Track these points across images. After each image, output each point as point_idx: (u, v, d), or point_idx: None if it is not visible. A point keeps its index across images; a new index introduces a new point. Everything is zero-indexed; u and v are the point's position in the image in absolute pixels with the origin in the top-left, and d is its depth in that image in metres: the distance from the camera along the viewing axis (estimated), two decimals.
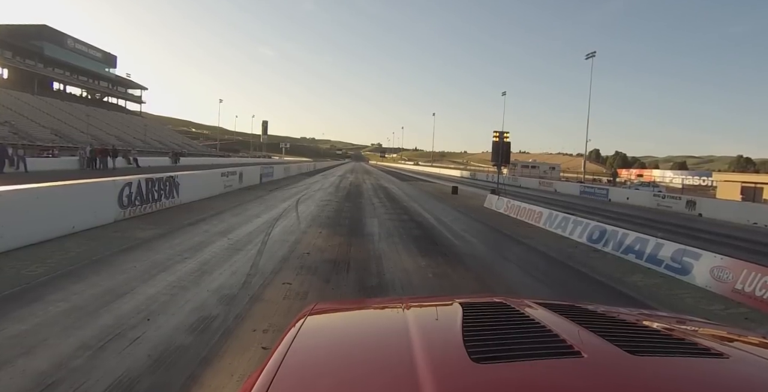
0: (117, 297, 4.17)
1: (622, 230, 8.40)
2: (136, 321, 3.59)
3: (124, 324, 3.53)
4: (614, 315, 1.13)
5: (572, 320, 0.96)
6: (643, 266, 7.25)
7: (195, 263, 5.52)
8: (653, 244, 7.45)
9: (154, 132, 63.88)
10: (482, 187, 29.34)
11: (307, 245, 7.09)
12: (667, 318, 1.33)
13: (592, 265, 7.21)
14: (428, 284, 5.38)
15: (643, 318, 1.18)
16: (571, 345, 0.79)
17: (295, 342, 0.89)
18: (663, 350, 0.81)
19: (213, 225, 8.41)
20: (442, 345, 0.86)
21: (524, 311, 1.06)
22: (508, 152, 17.16)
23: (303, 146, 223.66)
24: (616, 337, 0.84)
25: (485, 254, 7.74)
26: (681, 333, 0.98)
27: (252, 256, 6.08)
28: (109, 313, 3.76)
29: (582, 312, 1.14)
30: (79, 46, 56.86)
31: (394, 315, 1.18)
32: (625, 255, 7.89)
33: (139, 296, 4.25)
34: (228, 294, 4.46)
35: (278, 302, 4.28)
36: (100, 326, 3.47)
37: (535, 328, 0.92)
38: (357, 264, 6.09)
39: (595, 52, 38.02)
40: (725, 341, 0.99)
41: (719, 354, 0.80)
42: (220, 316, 3.83)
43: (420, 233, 9.12)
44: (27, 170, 20.18)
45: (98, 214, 7.75)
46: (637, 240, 7.82)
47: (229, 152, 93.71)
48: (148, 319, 3.65)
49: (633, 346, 0.79)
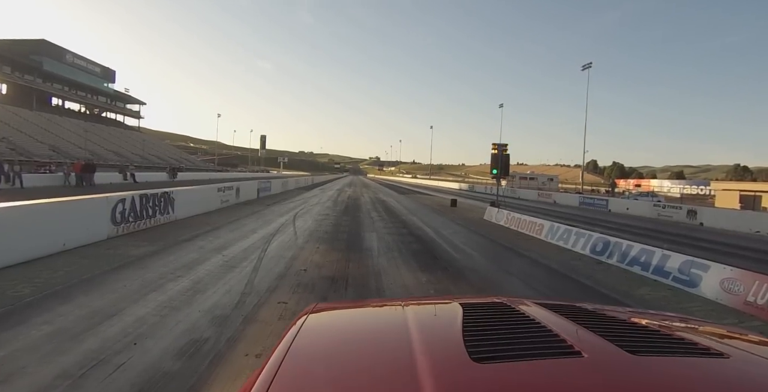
0: (104, 319, 3.97)
1: (626, 242, 8.24)
2: (121, 346, 3.40)
3: (109, 348, 3.34)
4: (614, 315, 1.13)
5: (572, 320, 0.96)
6: (650, 279, 7.07)
7: (188, 282, 5.33)
8: (659, 256, 7.28)
9: (152, 147, 63.97)
10: (481, 199, 29.33)
11: (304, 261, 6.91)
12: (667, 318, 1.31)
13: (597, 278, 7.03)
14: None
15: (643, 318, 1.17)
16: (571, 344, 0.79)
17: (295, 342, 0.88)
18: (663, 350, 0.81)
19: (208, 241, 8.22)
20: (442, 344, 0.86)
21: (524, 311, 1.06)
22: (507, 165, 17.07)
23: (301, 160, 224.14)
24: (617, 337, 0.84)
25: (487, 268, 7.56)
26: (681, 333, 0.98)
27: (247, 273, 5.89)
28: (95, 337, 3.56)
29: (582, 311, 1.13)
30: (78, 61, 57.28)
31: (394, 315, 1.17)
32: (630, 267, 7.71)
33: (127, 317, 4.05)
34: (221, 314, 4.27)
35: (273, 323, 4.09)
36: (84, 351, 3.27)
37: (535, 328, 0.91)
38: (355, 281, 5.90)
39: (591, 63, 38.34)
40: (725, 340, 0.98)
41: (719, 353, 0.80)
42: (211, 339, 3.64)
43: (419, 247, 8.94)
44: (23, 186, 20.02)
45: (91, 231, 7.57)
46: (642, 252, 7.66)
47: (228, 167, 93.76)
48: (135, 343, 3.46)
49: (633, 346, 0.79)
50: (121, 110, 70.53)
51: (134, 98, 73.13)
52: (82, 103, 62.13)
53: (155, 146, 68.37)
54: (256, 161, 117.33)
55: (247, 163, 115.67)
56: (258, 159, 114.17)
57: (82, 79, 58.17)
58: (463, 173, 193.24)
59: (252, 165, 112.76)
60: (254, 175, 60.42)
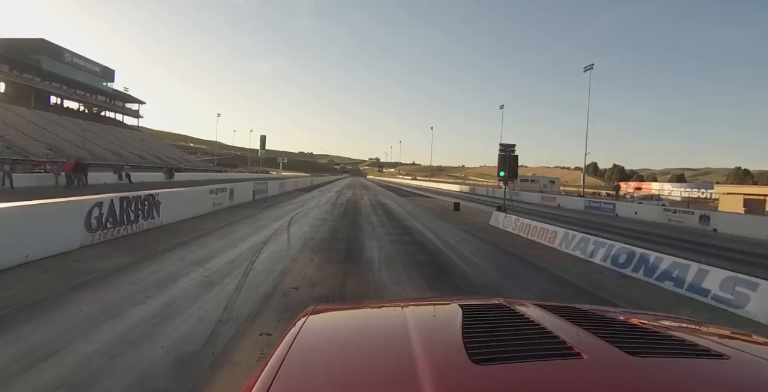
0: (39, 360, 3.16)
1: (654, 253, 7.41)
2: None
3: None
4: (614, 317, 1.15)
5: (572, 321, 0.96)
6: (685, 296, 6.26)
7: (156, 305, 4.51)
8: (695, 270, 6.47)
9: (151, 147, 63.13)
10: (483, 202, 28.57)
11: (295, 276, 6.08)
12: (667, 319, 1.26)
13: (627, 295, 6.22)
14: None
15: (643, 319, 1.14)
16: (570, 346, 0.79)
17: (295, 343, 0.88)
18: (662, 351, 0.81)
19: (191, 251, 7.40)
20: (442, 346, 0.86)
21: (524, 312, 1.05)
22: (515, 166, 16.20)
23: (301, 161, 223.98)
24: (616, 338, 0.84)
25: (502, 283, 6.74)
26: (680, 334, 0.97)
27: (228, 293, 5.07)
28: (15, 390, 2.74)
29: (581, 313, 1.12)
30: (77, 60, 56.52)
31: (394, 316, 1.15)
32: (661, 283, 6.90)
33: (69, 357, 3.24)
34: (187, 351, 3.45)
35: (250, 365, 3.25)
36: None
37: (535, 329, 0.91)
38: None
39: (593, 64, 37.64)
40: (724, 341, 0.95)
41: (719, 354, 0.80)
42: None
43: (425, 258, 8.11)
44: (13, 187, 19.17)
45: (60, 239, 6.76)
46: (674, 266, 6.84)
47: (227, 167, 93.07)
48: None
49: (632, 347, 0.79)
50: (121, 109, 69.79)
51: (133, 97, 72.40)
52: (81, 102, 61.46)
53: (154, 145, 67.52)
54: (255, 161, 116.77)
55: (246, 163, 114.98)
56: (258, 160, 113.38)
57: (81, 78, 57.41)
58: (463, 174, 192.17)
59: (251, 166, 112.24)
60: (252, 176, 59.65)
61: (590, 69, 37.68)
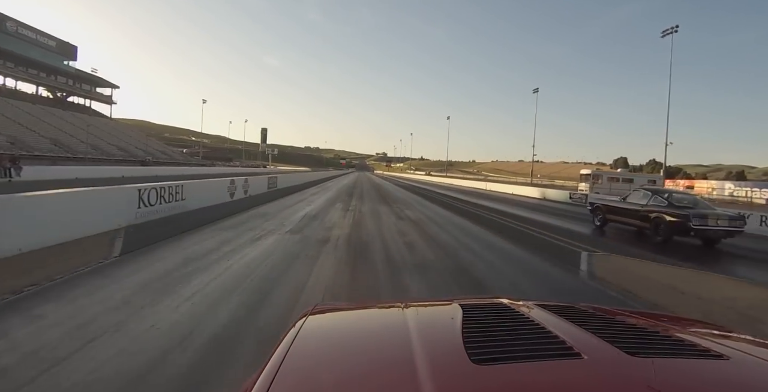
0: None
1: None
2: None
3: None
4: (614, 317, 1.10)
5: (572, 321, 0.94)
6: None
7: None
8: None
9: (112, 136, 52.81)
10: (583, 218, 14.71)
11: None
12: (667, 319, 1.20)
13: None
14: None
15: (643, 319, 1.10)
16: (570, 346, 0.78)
17: (295, 343, 0.85)
18: (662, 351, 0.79)
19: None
20: (442, 346, 0.84)
21: (524, 312, 1.03)
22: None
23: (305, 155, 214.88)
24: (616, 338, 0.82)
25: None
26: (681, 334, 0.96)
27: None
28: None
29: (582, 313, 1.09)
30: (25, 31, 46.81)
31: (395, 317, 1.11)
32: None
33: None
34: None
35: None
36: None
37: (535, 329, 0.89)
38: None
39: (678, 25, 27.12)
40: (724, 342, 0.92)
41: (719, 355, 0.78)
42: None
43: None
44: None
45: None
46: None
47: (220, 161, 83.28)
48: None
49: (632, 347, 0.77)
50: (88, 93, 59.72)
51: (105, 81, 63.34)
52: (33, 83, 51.28)
53: (122, 135, 57.78)
54: (254, 155, 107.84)
55: (242, 157, 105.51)
56: (256, 153, 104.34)
57: (32, 54, 47.53)
58: (475, 170, 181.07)
59: (252, 159, 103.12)
60: (243, 170, 49.41)
61: (674, 32, 26.64)
